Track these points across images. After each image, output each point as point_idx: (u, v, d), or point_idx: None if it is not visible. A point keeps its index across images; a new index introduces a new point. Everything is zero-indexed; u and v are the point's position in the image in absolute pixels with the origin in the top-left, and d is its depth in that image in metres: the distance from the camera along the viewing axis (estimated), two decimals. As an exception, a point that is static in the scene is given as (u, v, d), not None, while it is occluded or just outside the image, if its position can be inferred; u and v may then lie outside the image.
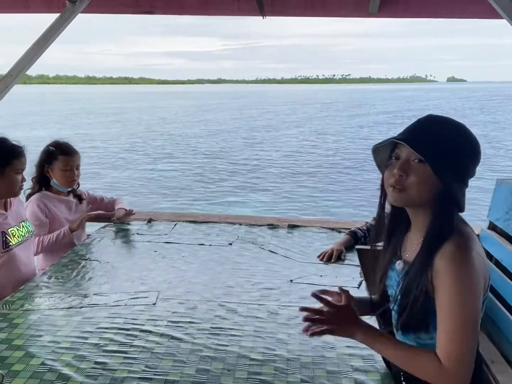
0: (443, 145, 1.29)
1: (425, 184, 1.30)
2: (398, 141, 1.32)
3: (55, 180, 2.91)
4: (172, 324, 1.86)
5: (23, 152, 2.39)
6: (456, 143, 1.31)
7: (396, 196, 1.35)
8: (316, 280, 2.30)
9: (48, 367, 1.56)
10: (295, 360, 1.63)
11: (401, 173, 1.32)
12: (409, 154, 1.32)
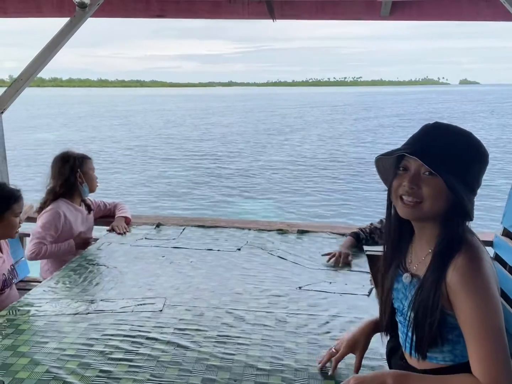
0: (454, 156, 1.25)
1: (439, 197, 1.26)
2: (407, 154, 1.28)
3: (87, 184, 2.97)
4: (179, 331, 1.83)
5: (21, 196, 2.43)
6: (466, 153, 1.27)
7: (409, 211, 1.30)
8: (326, 287, 2.26)
9: (53, 375, 1.54)
10: (303, 370, 1.59)
11: (413, 186, 1.28)
12: (419, 167, 1.28)
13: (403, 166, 1.31)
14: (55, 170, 2.93)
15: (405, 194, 1.29)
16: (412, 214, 1.31)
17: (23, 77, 3.16)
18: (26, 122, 30.33)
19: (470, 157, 1.27)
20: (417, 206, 1.28)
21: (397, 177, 1.33)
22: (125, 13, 3.69)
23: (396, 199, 1.34)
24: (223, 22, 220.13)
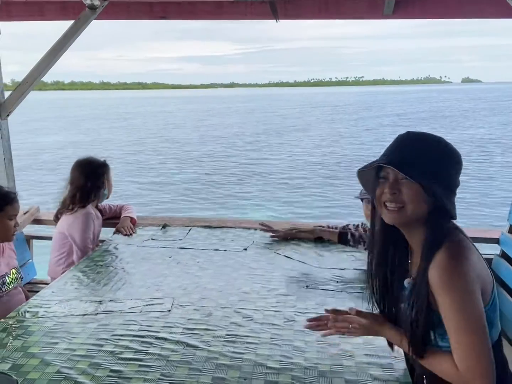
0: (426, 161, 1.35)
1: (419, 199, 1.35)
2: (384, 165, 1.36)
3: (108, 190, 3.08)
4: (188, 331, 1.84)
5: (16, 198, 2.42)
6: (437, 157, 1.36)
7: (394, 216, 1.39)
8: (333, 286, 2.26)
9: (64, 375, 1.55)
10: (312, 368, 1.59)
11: (394, 191, 1.36)
12: (397, 174, 1.37)
13: (383, 176, 1.40)
14: (82, 174, 2.96)
15: (387, 200, 1.38)
16: (397, 219, 1.39)
17: (28, 80, 3.18)
18: (24, 126, 30.25)
19: (442, 160, 1.37)
20: (400, 211, 1.37)
21: (379, 186, 1.41)
22: (128, 15, 3.71)
23: (380, 207, 1.42)
24: (224, 24, 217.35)
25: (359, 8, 3.55)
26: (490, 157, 16.45)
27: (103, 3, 3.09)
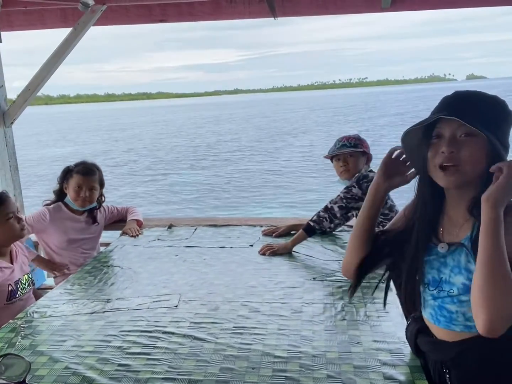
0: (486, 116, 1.26)
1: (478, 158, 1.25)
2: (445, 117, 1.26)
3: (69, 197, 2.97)
4: (195, 325, 1.84)
5: (6, 197, 2.39)
6: (497, 113, 1.29)
7: (451, 177, 1.27)
8: (340, 277, 2.25)
9: (72, 370, 1.55)
10: (320, 356, 1.58)
11: (451, 149, 1.26)
12: (455, 130, 1.27)
13: (436, 134, 1.30)
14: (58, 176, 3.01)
15: (445, 160, 1.27)
16: (455, 182, 1.28)
17: (31, 87, 3.22)
18: (22, 140, 30.30)
19: (500, 116, 1.29)
20: (458, 172, 1.26)
21: (431, 148, 1.31)
22: (128, 19, 3.74)
23: (435, 170, 1.30)
24: (226, 31, 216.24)
25: (357, 3, 3.56)
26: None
27: (101, 8, 3.11)
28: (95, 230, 3.10)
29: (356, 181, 2.65)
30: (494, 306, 1.15)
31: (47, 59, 3.19)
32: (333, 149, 2.81)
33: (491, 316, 1.15)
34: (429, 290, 1.41)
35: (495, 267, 1.16)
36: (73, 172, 2.95)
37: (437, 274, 1.39)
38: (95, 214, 3.08)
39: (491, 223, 1.19)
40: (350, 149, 2.75)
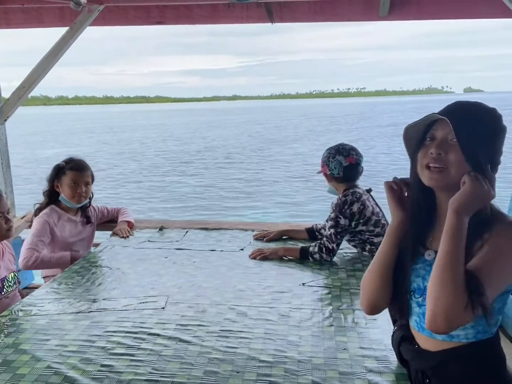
0: (480, 126, 1.28)
1: (464, 163, 1.27)
2: (439, 116, 1.28)
3: (63, 195, 2.91)
4: (181, 327, 1.82)
5: (0, 195, 2.36)
6: (492, 125, 1.31)
7: (436, 176, 1.29)
8: (330, 283, 2.24)
9: (54, 370, 1.53)
10: (306, 361, 1.57)
11: (439, 151, 1.28)
12: (447, 134, 1.29)
13: (430, 136, 1.32)
14: (47, 178, 2.94)
15: (431, 161, 1.29)
16: (439, 181, 1.30)
17: (25, 84, 3.20)
18: (16, 140, 29.90)
19: (494, 130, 1.31)
20: (443, 172, 1.28)
21: (422, 148, 1.33)
22: (125, 21, 3.74)
23: (422, 169, 1.33)
24: (226, 37, 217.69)
25: (354, 10, 3.57)
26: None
27: (98, 7, 3.11)
28: (89, 231, 3.08)
29: (339, 211, 2.53)
30: (439, 304, 1.20)
31: (42, 58, 3.18)
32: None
33: (435, 312, 1.21)
34: (415, 298, 1.40)
35: (447, 270, 1.22)
36: (65, 169, 2.91)
37: (422, 282, 1.38)
38: (88, 213, 3.05)
39: (451, 228, 1.24)
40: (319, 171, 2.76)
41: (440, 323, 1.21)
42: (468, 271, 1.22)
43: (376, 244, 2.61)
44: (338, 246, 2.56)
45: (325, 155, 2.68)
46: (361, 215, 2.56)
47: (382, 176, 15.16)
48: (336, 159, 2.63)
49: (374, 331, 1.76)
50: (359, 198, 2.57)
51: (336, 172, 2.63)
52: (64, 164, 2.93)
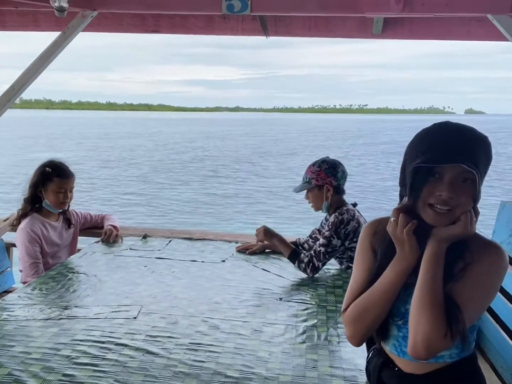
0: (481, 158, 1.25)
1: (470, 201, 1.25)
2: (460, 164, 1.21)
3: (47, 201, 2.87)
4: (150, 338, 1.78)
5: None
6: (488, 156, 1.28)
7: (441, 218, 1.25)
8: (306, 299, 2.21)
9: (14, 377, 1.50)
10: (273, 379, 1.54)
11: (451, 195, 1.23)
12: (457, 174, 1.23)
13: (438, 172, 1.25)
14: (28, 183, 2.90)
15: (439, 203, 1.24)
16: (444, 222, 1.26)
17: (15, 87, 3.19)
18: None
19: (489, 159, 1.28)
20: (449, 213, 1.24)
21: (428, 185, 1.26)
22: (120, 28, 3.74)
23: (424, 207, 1.27)
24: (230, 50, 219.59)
25: (348, 27, 3.58)
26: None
27: (92, 13, 3.11)
28: (70, 234, 3.04)
29: (334, 231, 2.48)
30: (419, 331, 1.22)
31: (33, 61, 3.17)
32: (299, 186, 2.72)
33: (415, 339, 1.22)
34: (394, 321, 1.37)
35: (426, 296, 1.23)
36: (51, 175, 2.88)
37: (403, 306, 1.35)
38: (68, 215, 3.02)
39: (434, 256, 1.25)
40: (300, 188, 2.67)
41: (420, 350, 1.22)
42: (448, 298, 1.23)
43: None
44: (323, 265, 2.52)
45: (324, 166, 2.59)
46: (356, 234, 2.51)
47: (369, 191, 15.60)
48: (341, 169, 2.61)
49: (346, 350, 1.73)
50: (354, 216, 2.53)
51: (343, 182, 2.62)
52: (50, 170, 2.90)
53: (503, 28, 2.97)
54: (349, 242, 2.52)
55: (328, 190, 2.59)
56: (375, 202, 12.89)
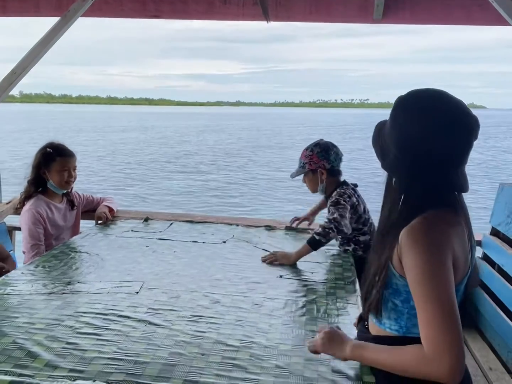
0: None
1: None
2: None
3: (52, 181, 2.89)
4: (152, 311, 1.81)
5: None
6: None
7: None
8: (307, 276, 2.23)
9: (19, 345, 1.52)
10: (273, 347, 1.56)
11: None
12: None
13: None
14: (31, 164, 2.90)
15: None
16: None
17: (17, 71, 3.20)
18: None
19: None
20: None
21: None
22: (121, 13, 3.75)
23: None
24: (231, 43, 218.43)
25: (348, 12, 3.59)
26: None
27: (92, -3, 3.12)
28: (74, 217, 3.06)
29: (339, 196, 2.53)
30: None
31: (34, 45, 3.18)
32: (296, 172, 2.72)
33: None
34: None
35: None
36: (53, 155, 2.88)
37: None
38: (71, 197, 3.04)
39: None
40: (296, 173, 2.69)
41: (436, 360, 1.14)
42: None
43: (361, 243, 2.60)
44: (342, 218, 2.41)
45: (316, 150, 2.62)
46: (355, 211, 2.56)
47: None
48: (334, 151, 2.62)
49: (345, 322, 1.76)
50: (354, 194, 2.59)
51: (336, 164, 2.63)
52: (51, 150, 2.92)
53: (504, 11, 2.97)
54: (350, 217, 2.52)
55: (322, 173, 2.62)
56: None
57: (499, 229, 2.76)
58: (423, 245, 1.17)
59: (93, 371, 1.38)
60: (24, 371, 1.37)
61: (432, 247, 1.17)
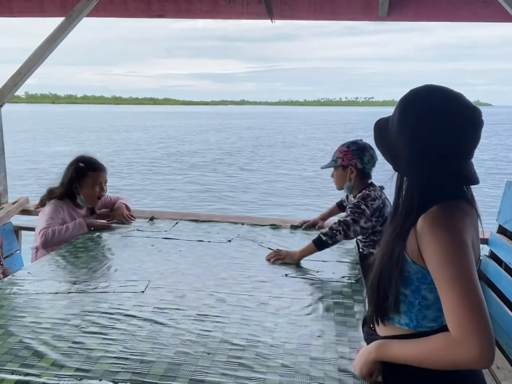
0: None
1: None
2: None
3: (82, 196, 2.89)
4: (158, 310, 1.81)
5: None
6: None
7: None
8: (312, 275, 2.23)
9: (25, 345, 1.53)
10: (278, 346, 1.56)
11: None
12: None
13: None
14: (64, 174, 2.92)
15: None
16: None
17: (22, 71, 3.21)
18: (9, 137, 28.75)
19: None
20: None
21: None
22: (126, 12, 3.75)
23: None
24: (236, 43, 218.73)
25: (353, 10, 3.57)
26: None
27: (97, -3, 3.12)
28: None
29: (362, 198, 2.53)
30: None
31: (39, 45, 3.19)
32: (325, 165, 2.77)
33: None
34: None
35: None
36: (86, 170, 2.89)
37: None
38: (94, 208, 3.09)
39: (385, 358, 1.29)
40: (327, 165, 2.73)
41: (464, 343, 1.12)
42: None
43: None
44: (354, 224, 2.43)
45: (352, 148, 2.63)
46: (380, 214, 2.54)
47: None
48: (370, 153, 2.63)
49: (352, 320, 1.75)
50: (380, 196, 2.57)
51: (369, 167, 2.63)
52: (83, 165, 2.90)
53: (509, 8, 2.95)
54: (375, 223, 2.53)
55: (351, 171, 2.63)
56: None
57: (506, 227, 2.74)
58: (446, 228, 1.16)
59: (99, 370, 1.38)
60: (30, 371, 1.37)
61: (454, 230, 1.16)
